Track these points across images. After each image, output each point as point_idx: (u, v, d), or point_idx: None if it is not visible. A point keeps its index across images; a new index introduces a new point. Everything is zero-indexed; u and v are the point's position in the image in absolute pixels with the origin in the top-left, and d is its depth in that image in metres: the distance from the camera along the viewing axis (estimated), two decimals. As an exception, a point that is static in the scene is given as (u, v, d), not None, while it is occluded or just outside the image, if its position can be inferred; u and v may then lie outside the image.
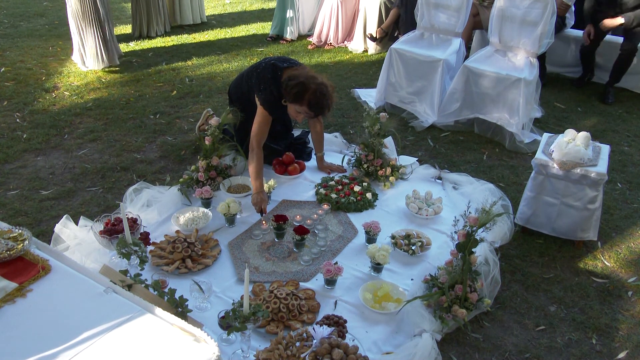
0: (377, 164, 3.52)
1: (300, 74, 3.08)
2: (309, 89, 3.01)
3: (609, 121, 4.70)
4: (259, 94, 3.21)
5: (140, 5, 6.41)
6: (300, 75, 3.06)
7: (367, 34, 6.23)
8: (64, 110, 4.57)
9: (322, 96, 3.03)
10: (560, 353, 2.44)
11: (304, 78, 3.04)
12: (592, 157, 3.01)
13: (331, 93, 3.09)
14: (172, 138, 4.19)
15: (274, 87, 3.16)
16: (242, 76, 3.50)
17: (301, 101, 3.04)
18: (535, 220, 3.14)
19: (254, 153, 3.19)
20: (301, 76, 3.05)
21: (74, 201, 3.39)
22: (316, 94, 3.01)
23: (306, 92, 3.01)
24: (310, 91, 3.01)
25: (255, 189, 3.14)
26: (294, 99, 3.05)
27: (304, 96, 3.02)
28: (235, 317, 2.03)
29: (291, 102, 3.08)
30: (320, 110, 3.08)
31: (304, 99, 3.03)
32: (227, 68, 5.70)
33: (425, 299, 2.50)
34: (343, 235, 3.03)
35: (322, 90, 3.03)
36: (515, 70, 4.21)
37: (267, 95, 3.17)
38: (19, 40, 6.30)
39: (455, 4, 4.63)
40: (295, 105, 3.08)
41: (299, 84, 3.02)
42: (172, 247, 2.74)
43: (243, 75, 3.48)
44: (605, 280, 2.88)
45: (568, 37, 5.41)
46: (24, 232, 2.09)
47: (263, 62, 3.31)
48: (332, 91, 3.10)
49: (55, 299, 1.84)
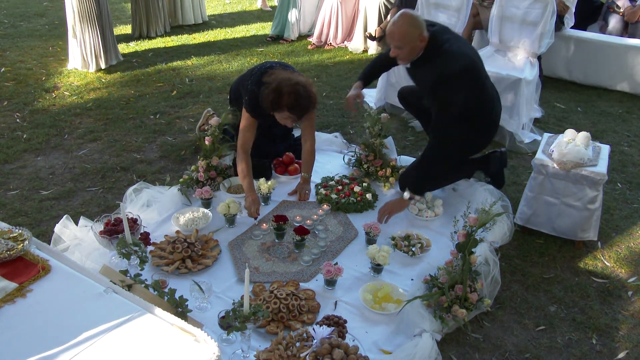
0: (377, 165, 3.52)
1: (272, 79, 2.95)
2: (283, 93, 2.89)
3: (609, 121, 4.70)
4: (244, 97, 3.16)
5: (140, 6, 6.40)
6: (273, 81, 2.93)
7: (367, 33, 6.23)
8: (64, 110, 4.57)
9: (299, 97, 2.90)
10: (560, 353, 2.44)
11: (276, 83, 2.91)
12: (592, 157, 3.01)
13: (309, 89, 2.96)
14: (172, 138, 4.19)
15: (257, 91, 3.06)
16: (241, 77, 3.51)
17: (280, 107, 2.93)
18: (535, 220, 3.14)
19: (240, 157, 3.15)
20: (274, 82, 2.93)
21: (74, 201, 3.39)
22: (292, 96, 2.89)
23: (282, 98, 2.90)
24: (285, 95, 2.89)
25: (245, 189, 3.12)
26: (272, 107, 2.95)
27: (280, 102, 2.91)
28: (235, 316, 2.03)
29: (272, 111, 2.98)
30: (302, 110, 2.95)
31: (281, 104, 2.91)
32: (227, 68, 5.70)
33: (425, 299, 2.50)
34: (343, 236, 3.03)
35: (298, 91, 2.90)
36: (515, 70, 4.21)
37: (251, 99, 3.09)
38: (19, 40, 6.30)
39: (455, 4, 4.63)
40: (277, 113, 2.99)
41: (271, 91, 2.91)
42: (172, 247, 2.74)
43: (242, 77, 3.48)
44: (605, 280, 2.88)
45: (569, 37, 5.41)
46: (24, 232, 2.09)
47: (258, 66, 3.28)
48: (309, 87, 2.97)
49: (55, 299, 1.84)
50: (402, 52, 2.89)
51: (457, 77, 2.84)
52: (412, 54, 2.91)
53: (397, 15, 2.88)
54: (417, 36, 2.84)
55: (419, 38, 2.85)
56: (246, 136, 3.17)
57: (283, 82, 2.91)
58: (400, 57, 2.94)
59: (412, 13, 2.90)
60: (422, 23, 2.87)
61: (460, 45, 2.96)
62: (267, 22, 7.39)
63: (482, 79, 3.05)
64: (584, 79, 5.41)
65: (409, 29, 2.82)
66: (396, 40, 2.87)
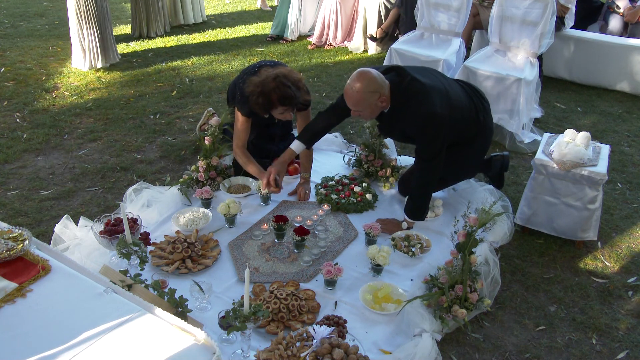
0: (377, 165, 3.52)
1: (255, 86, 2.97)
2: (269, 91, 2.93)
3: (609, 121, 4.70)
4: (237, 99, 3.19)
5: (140, 6, 6.41)
6: (257, 86, 2.96)
7: (368, 34, 6.23)
8: (64, 110, 4.57)
9: (284, 87, 2.93)
10: (560, 353, 2.44)
11: (260, 86, 2.94)
12: (592, 157, 3.01)
13: (292, 76, 2.99)
14: (172, 138, 4.19)
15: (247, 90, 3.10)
16: (236, 78, 3.52)
17: (273, 105, 2.98)
18: (535, 220, 3.14)
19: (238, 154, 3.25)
20: (258, 86, 2.96)
21: (74, 201, 3.39)
22: (277, 90, 2.92)
23: (270, 95, 2.93)
24: (271, 92, 2.93)
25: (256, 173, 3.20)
26: (265, 109, 3.00)
27: (271, 100, 2.95)
28: (235, 316, 2.03)
29: (267, 113, 3.05)
30: (292, 100, 2.98)
31: (272, 102, 2.96)
32: (227, 68, 5.70)
33: (425, 299, 2.50)
34: (343, 237, 3.03)
35: (281, 82, 2.93)
36: (515, 70, 4.21)
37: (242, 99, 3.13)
38: (19, 40, 6.30)
39: (455, 4, 4.63)
40: (273, 111, 3.05)
41: (259, 94, 2.94)
42: (172, 247, 2.74)
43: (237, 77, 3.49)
44: (605, 280, 2.88)
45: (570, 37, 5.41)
46: (24, 232, 2.09)
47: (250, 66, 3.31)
48: (291, 74, 3.00)
49: (55, 299, 1.84)
50: (363, 114, 2.85)
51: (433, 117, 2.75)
52: (375, 113, 2.86)
53: (354, 75, 2.76)
54: (376, 99, 2.75)
55: (379, 100, 2.76)
56: (241, 136, 3.24)
57: (265, 82, 2.95)
58: (362, 117, 2.92)
59: (368, 74, 2.74)
60: (380, 83, 2.74)
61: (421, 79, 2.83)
62: (267, 22, 7.39)
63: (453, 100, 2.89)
64: (584, 79, 5.41)
65: (364, 96, 2.72)
66: (353, 105, 2.80)
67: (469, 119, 2.97)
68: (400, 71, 2.88)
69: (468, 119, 2.97)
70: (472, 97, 3.04)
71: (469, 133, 3.03)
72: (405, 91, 2.80)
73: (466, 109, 2.96)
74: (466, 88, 3.08)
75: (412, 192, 3.04)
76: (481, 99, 3.09)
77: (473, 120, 3.00)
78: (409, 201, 3.05)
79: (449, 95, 2.86)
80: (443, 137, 2.81)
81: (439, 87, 2.85)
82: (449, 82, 3.00)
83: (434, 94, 2.78)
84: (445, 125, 2.79)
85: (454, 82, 3.08)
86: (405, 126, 2.88)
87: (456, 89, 2.98)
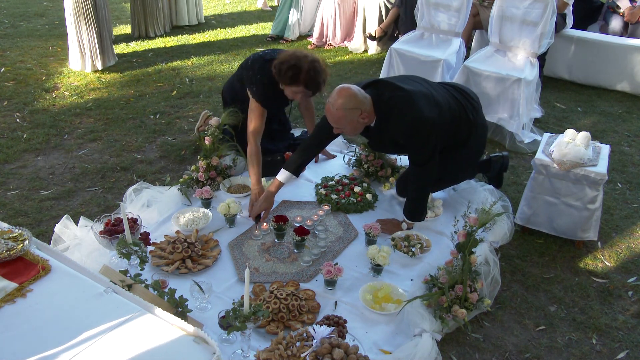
0: (377, 165, 3.52)
1: (290, 57, 3.05)
2: (302, 69, 3.00)
3: (609, 121, 4.70)
4: (250, 87, 3.21)
5: (140, 6, 6.40)
6: (292, 58, 3.04)
7: (367, 33, 6.23)
8: (64, 110, 4.57)
9: (316, 74, 3.03)
10: (560, 353, 2.44)
11: (295, 60, 3.02)
12: (592, 157, 3.01)
13: (324, 68, 3.09)
14: (172, 138, 4.19)
15: (266, 78, 3.16)
16: (233, 77, 3.52)
17: (297, 82, 3.04)
18: (535, 220, 3.14)
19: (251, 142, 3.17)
20: (292, 59, 3.03)
21: (74, 201, 3.39)
22: (310, 73, 3.01)
23: (300, 73, 3.00)
24: (304, 71, 3.00)
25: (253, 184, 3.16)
26: (290, 82, 3.04)
27: (299, 77, 3.01)
28: (235, 316, 2.03)
29: (287, 85, 3.08)
30: (316, 87, 3.08)
31: (299, 79, 3.02)
32: (227, 68, 5.70)
33: (425, 299, 2.50)
34: (343, 237, 3.03)
35: (316, 68, 3.03)
36: (515, 70, 4.21)
37: (260, 88, 3.17)
38: (19, 40, 6.30)
39: (455, 4, 4.63)
40: (292, 87, 3.08)
41: (292, 66, 3.00)
42: (172, 247, 2.74)
43: (234, 76, 3.50)
44: (605, 280, 2.88)
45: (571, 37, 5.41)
46: (24, 232, 2.09)
47: (250, 57, 3.33)
48: (324, 66, 3.10)
49: (55, 299, 1.84)
50: (345, 130, 2.86)
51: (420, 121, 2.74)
52: (357, 129, 2.86)
53: (334, 93, 2.75)
54: (357, 116, 2.75)
55: (360, 116, 2.75)
56: (257, 123, 3.20)
57: (302, 60, 3.02)
58: (346, 133, 2.94)
59: (348, 91, 2.72)
60: (360, 100, 2.72)
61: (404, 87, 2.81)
62: (267, 22, 7.39)
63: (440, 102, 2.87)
64: (584, 79, 5.40)
65: (345, 113, 2.71)
66: (334, 123, 2.79)
67: (459, 118, 2.97)
68: (382, 83, 2.88)
69: (458, 119, 2.96)
70: (458, 98, 3.02)
71: (461, 133, 3.03)
72: (389, 102, 2.79)
73: (455, 109, 2.95)
74: (451, 90, 3.06)
75: (409, 195, 3.05)
76: (468, 98, 3.07)
77: (464, 120, 2.99)
78: (406, 203, 3.06)
79: (434, 98, 2.86)
80: (434, 140, 2.81)
81: (423, 91, 2.85)
82: (433, 86, 3.00)
83: (418, 99, 2.78)
84: (434, 127, 2.78)
85: (439, 85, 3.08)
86: (395, 136, 2.87)
87: (441, 91, 2.97)
